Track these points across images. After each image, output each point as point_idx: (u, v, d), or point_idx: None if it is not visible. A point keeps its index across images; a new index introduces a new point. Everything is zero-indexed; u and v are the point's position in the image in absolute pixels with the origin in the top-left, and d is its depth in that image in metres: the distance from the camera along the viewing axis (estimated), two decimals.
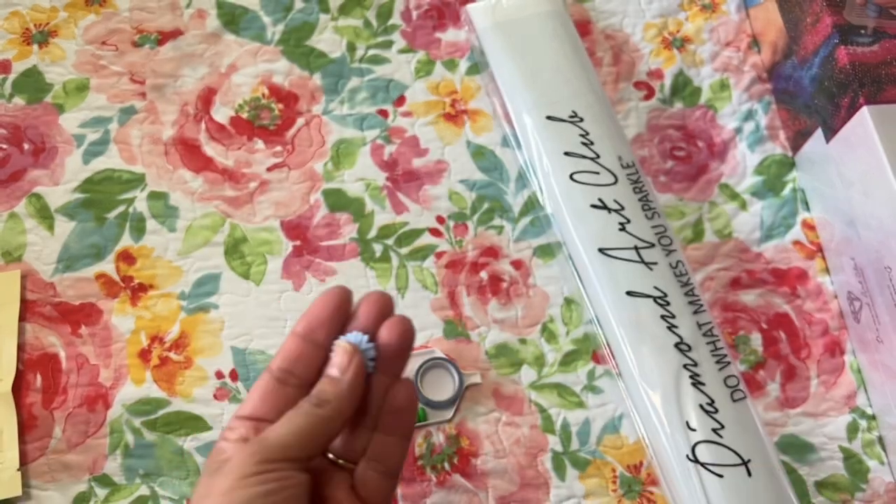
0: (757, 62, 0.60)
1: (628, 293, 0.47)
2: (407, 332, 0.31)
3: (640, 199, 0.49)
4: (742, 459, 0.43)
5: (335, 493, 0.30)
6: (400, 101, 0.57)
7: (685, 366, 0.45)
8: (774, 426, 0.50)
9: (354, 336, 0.31)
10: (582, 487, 0.48)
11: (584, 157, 0.50)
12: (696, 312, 0.47)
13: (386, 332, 0.31)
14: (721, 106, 0.58)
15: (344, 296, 0.31)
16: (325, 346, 0.31)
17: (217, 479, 0.28)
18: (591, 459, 0.48)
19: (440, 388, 0.49)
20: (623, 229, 0.48)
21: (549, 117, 0.51)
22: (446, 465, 0.47)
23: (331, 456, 0.32)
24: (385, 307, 0.31)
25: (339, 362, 0.30)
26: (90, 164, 0.53)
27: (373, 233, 0.53)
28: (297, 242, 0.52)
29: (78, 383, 0.48)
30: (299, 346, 0.31)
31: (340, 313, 0.31)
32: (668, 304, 0.46)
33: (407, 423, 0.32)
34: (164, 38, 0.57)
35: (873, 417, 0.50)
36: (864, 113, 0.47)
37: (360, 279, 0.51)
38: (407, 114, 0.56)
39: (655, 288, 0.47)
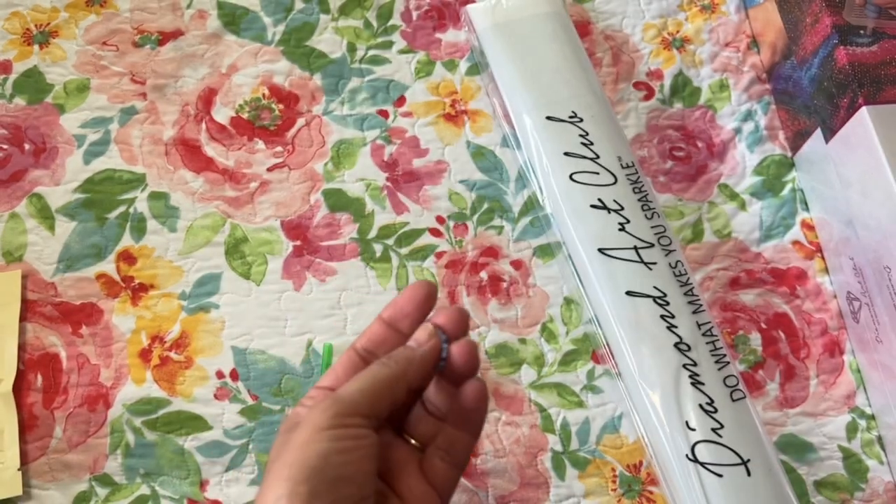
0: (756, 62, 0.60)
1: (628, 293, 0.47)
2: (474, 353, 0.33)
3: (639, 200, 0.49)
4: (741, 459, 0.43)
5: (404, 468, 0.32)
6: (400, 101, 0.57)
7: (684, 365, 0.45)
8: (774, 426, 0.50)
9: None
10: (582, 487, 0.48)
11: (583, 157, 0.50)
12: (695, 312, 0.47)
13: (456, 350, 0.32)
14: (720, 106, 0.58)
15: (431, 291, 0.34)
16: (406, 335, 0.33)
17: (294, 434, 0.29)
18: (591, 459, 0.48)
19: None
20: (622, 229, 0.48)
21: (548, 118, 0.51)
22: None
23: (406, 437, 0.34)
24: (463, 320, 0.33)
25: (418, 337, 0.32)
26: (91, 165, 0.53)
27: (373, 233, 0.53)
28: (298, 242, 0.52)
29: (79, 383, 0.48)
30: (384, 330, 0.33)
31: (425, 307, 0.33)
32: (667, 303, 0.46)
33: (475, 422, 0.33)
34: (164, 38, 0.57)
35: (872, 417, 0.50)
36: (864, 113, 0.48)
37: (360, 279, 0.52)
38: (407, 114, 0.56)
39: (655, 288, 0.47)
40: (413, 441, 0.34)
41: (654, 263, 0.48)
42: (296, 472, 0.28)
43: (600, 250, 0.48)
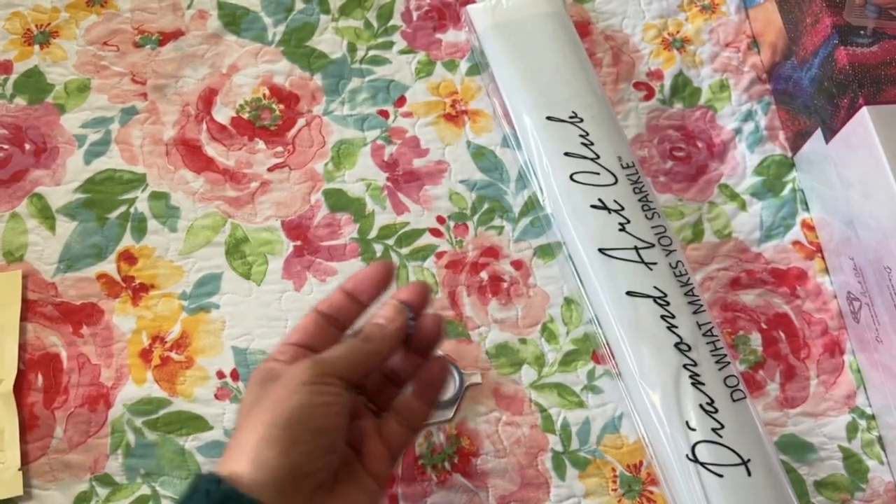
0: (756, 63, 0.60)
1: (628, 293, 0.47)
2: (440, 325, 0.37)
3: (639, 200, 0.49)
4: (742, 459, 0.43)
5: (365, 429, 0.35)
6: (400, 101, 0.57)
7: (685, 366, 0.45)
8: (774, 426, 0.50)
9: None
10: (582, 487, 0.48)
11: (584, 157, 0.50)
12: (695, 312, 0.47)
13: (426, 320, 0.36)
14: (721, 106, 0.58)
15: (390, 269, 0.37)
16: (364, 305, 0.37)
17: (272, 387, 0.32)
18: (591, 459, 0.48)
19: None
20: (623, 229, 0.48)
21: (549, 118, 0.51)
22: (447, 465, 0.47)
23: (365, 400, 0.37)
24: (425, 294, 0.37)
25: (387, 314, 0.36)
26: (91, 165, 0.53)
27: (373, 233, 0.53)
28: (298, 242, 0.52)
29: (79, 383, 0.48)
30: (345, 299, 0.36)
31: (384, 283, 0.37)
32: (667, 304, 0.46)
33: (434, 393, 0.37)
34: (165, 38, 0.57)
35: (873, 417, 0.50)
36: (864, 113, 0.48)
37: None
38: (407, 114, 0.56)
39: (655, 288, 0.47)
40: (372, 406, 0.37)
41: (655, 263, 0.48)
42: (277, 419, 0.30)
43: (601, 250, 0.48)
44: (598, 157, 0.50)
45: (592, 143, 0.51)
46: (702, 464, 0.43)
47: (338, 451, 0.32)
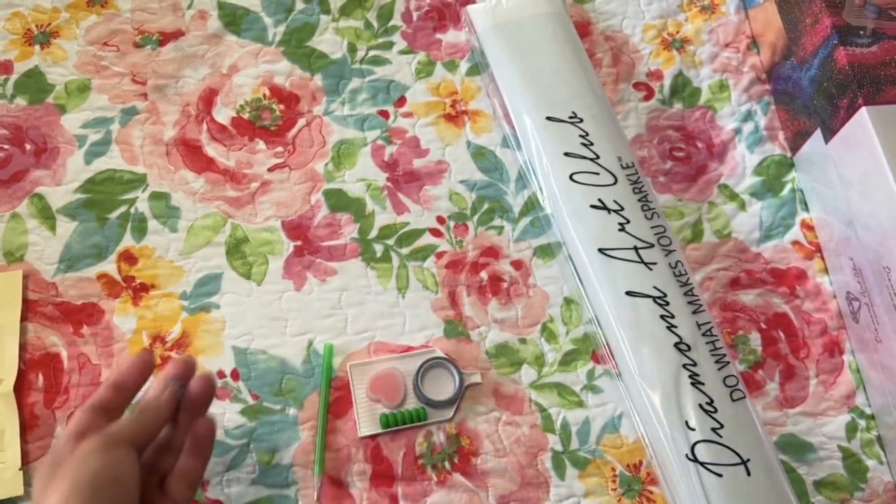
0: (756, 63, 0.60)
1: (628, 293, 0.47)
2: (210, 385, 0.42)
3: (639, 200, 0.50)
4: (741, 459, 0.43)
5: (152, 493, 0.40)
6: (400, 101, 0.57)
7: (684, 365, 0.45)
8: (773, 426, 0.50)
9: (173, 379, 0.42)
10: (582, 486, 0.48)
11: (583, 157, 0.50)
12: (695, 312, 0.47)
13: (195, 384, 0.42)
14: (720, 107, 0.58)
15: (149, 359, 0.42)
16: (132, 392, 0.41)
17: (63, 464, 0.36)
18: (591, 459, 0.48)
19: (440, 387, 0.49)
20: (622, 229, 0.48)
21: (548, 118, 0.52)
22: (447, 465, 0.47)
23: (152, 476, 0.41)
24: (190, 368, 0.42)
25: (157, 387, 0.41)
26: (92, 165, 0.53)
27: (373, 233, 0.53)
28: (299, 242, 0.52)
29: (80, 383, 0.48)
30: (112, 393, 0.40)
31: (145, 372, 0.41)
32: (667, 304, 0.47)
33: (205, 450, 0.41)
34: (165, 38, 0.57)
35: (872, 417, 0.51)
36: (863, 113, 0.48)
37: (360, 279, 0.52)
38: (407, 114, 0.56)
39: (655, 288, 0.47)
40: (155, 476, 0.41)
41: (654, 263, 0.48)
42: (78, 479, 0.35)
43: (600, 250, 0.48)
44: (598, 157, 0.50)
45: (592, 143, 0.51)
46: (701, 463, 0.43)
47: (136, 498, 0.37)
